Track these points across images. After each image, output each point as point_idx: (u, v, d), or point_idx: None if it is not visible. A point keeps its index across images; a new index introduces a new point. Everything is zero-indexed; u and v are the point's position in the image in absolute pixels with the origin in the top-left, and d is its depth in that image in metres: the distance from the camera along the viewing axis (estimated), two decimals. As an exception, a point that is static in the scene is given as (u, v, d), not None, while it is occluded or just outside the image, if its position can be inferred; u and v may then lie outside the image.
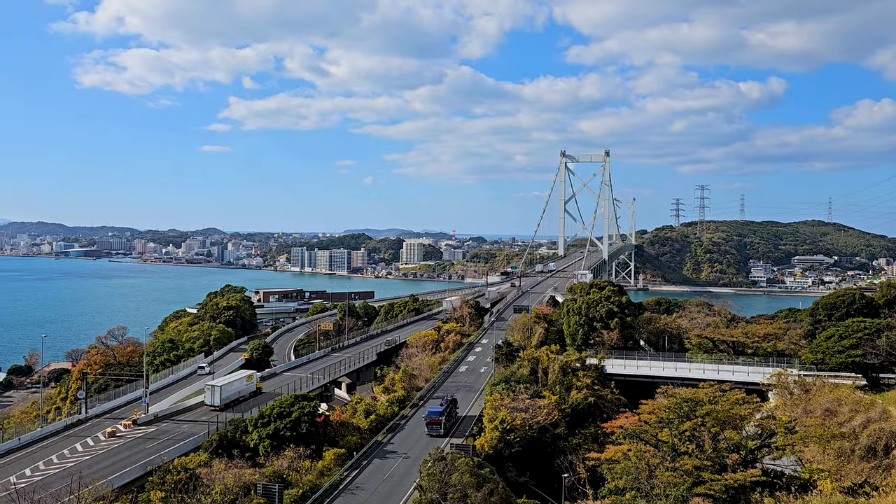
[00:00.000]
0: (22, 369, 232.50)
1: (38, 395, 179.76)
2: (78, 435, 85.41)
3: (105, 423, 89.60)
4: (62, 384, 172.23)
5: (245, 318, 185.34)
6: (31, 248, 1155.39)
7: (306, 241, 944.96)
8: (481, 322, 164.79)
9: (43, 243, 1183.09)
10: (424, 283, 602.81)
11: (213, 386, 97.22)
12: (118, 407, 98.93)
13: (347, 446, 79.69)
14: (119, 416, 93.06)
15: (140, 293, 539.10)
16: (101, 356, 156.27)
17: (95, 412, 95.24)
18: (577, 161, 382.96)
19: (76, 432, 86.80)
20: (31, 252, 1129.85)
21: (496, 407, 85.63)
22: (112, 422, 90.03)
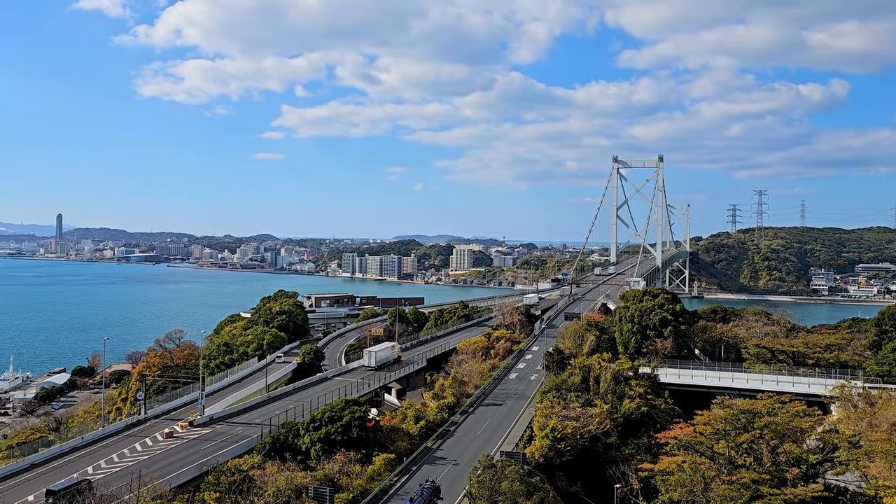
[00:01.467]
0: (85, 370, 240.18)
1: (100, 395, 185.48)
2: (137, 435, 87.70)
3: (163, 424, 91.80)
4: (122, 385, 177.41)
5: (297, 322, 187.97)
6: (94, 254, 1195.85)
7: (357, 247, 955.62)
8: (531, 329, 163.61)
9: (106, 248, 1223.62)
10: (474, 290, 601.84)
11: (370, 352, 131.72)
12: (175, 409, 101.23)
13: (397, 452, 79.90)
14: (176, 418, 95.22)
15: (196, 298, 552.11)
16: (159, 359, 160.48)
17: (154, 413, 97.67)
18: (629, 166, 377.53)
19: (135, 432, 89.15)
20: (95, 257, 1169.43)
21: (547, 415, 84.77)
22: (169, 423, 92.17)
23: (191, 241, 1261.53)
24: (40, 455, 78.71)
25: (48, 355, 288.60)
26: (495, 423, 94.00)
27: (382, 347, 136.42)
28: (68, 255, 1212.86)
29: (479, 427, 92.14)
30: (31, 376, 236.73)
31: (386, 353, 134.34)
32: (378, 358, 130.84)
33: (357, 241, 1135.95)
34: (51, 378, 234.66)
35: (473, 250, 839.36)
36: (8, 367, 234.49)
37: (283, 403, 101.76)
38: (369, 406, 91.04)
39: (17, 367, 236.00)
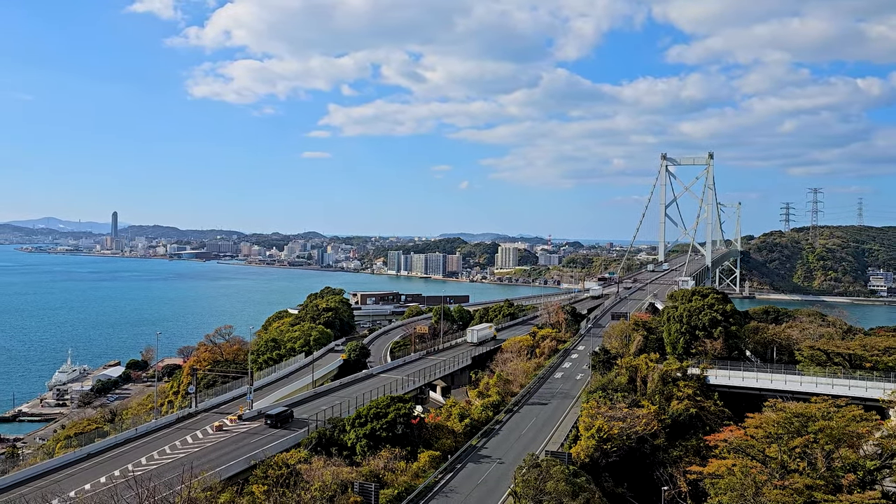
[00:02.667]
0: (139, 364, 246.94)
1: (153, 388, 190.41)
2: (188, 427, 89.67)
3: (213, 418, 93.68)
4: (174, 379, 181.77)
5: (343, 319, 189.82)
6: (147, 251, 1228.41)
7: (402, 245, 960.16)
8: (577, 328, 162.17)
9: (158, 245, 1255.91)
10: (519, 288, 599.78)
11: (473, 330, 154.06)
12: (224, 402, 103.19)
13: (442, 449, 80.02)
14: (225, 412, 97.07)
15: (245, 294, 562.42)
16: (209, 353, 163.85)
17: (204, 406, 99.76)
18: (678, 164, 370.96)
19: (186, 425, 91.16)
20: (148, 254, 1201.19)
21: (593, 415, 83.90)
22: (219, 416, 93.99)
23: (240, 238, 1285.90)
24: (96, 445, 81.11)
25: (104, 349, 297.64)
26: (540, 422, 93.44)
27: (482, 327, 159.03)
28: (123, 252, 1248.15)
29: (523, 426, 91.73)
30: (87, 369, 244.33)
31: (485, 331, 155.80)
32: (479, 336, 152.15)
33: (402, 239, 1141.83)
34: (106, 371, 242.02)
35: (519, 249, 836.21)
36: (66, 360, 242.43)
37: (329, 399, 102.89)
38: (414, 403, 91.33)
39: (74, 360, 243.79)
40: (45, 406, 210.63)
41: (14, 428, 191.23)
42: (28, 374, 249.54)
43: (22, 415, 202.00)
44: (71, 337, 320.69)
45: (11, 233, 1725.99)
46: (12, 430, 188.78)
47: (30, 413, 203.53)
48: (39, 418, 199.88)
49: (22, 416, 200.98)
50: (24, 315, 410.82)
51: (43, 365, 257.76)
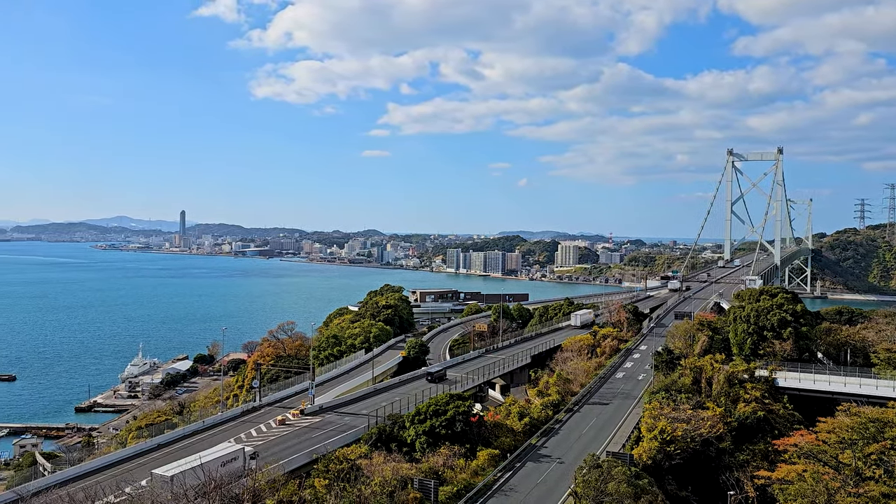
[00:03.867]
0: (205, 358, 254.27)
1: (218, 382, 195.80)
2: (252, 421, 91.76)
3: (276, 412, 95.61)
4: (239, 373, 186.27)
5: (402, 316, 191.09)
6: (213, 248, 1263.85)
7: (461, 243, 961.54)
8: (639, 328, 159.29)
9: (224, 243, 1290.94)
10: (579, 287, 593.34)
11: (576, 315, 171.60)
12: (287, 397, 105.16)
13: (501, 447, 79.66)
14: (288, 406, 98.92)
15: (306, 291, 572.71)
16: (272, 349, 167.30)
17: (267, 401, 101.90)
18: (745, 159, 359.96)
19: (251, 418, 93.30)
20: (214, 251, 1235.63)
21: (655, 416, 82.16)
22: (282, 410, 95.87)
23: (302, 236, 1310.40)
24: (166, 436, 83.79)
25: (173, 343, 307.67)
26: (601, 422, 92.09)
27: (584, 312, 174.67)
28: (190, 250, 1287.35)
29: (584, 426, 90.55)
30: (157, 362, 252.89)
31: (587, 316, 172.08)
32: (581, 320, 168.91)
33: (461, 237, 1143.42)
34: (175, 364, 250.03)
35: (579, 247, 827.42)
36: (137, 354, 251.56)
37: (388, 395, 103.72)
38: (473, 401, 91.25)
39: (145, 354, 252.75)
40: (118, 397, 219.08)
41: (90, 418, 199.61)
42: (102, 366, 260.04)
43: (97, 405, 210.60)
44: (142, 331, 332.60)
45: (87, 231, 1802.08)
46: (88, 419, 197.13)
47: (104, 404, 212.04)
48: (113, 409, 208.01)
49: (97, 407, 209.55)
50: (99, 310, 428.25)
51: (116, 358, 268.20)
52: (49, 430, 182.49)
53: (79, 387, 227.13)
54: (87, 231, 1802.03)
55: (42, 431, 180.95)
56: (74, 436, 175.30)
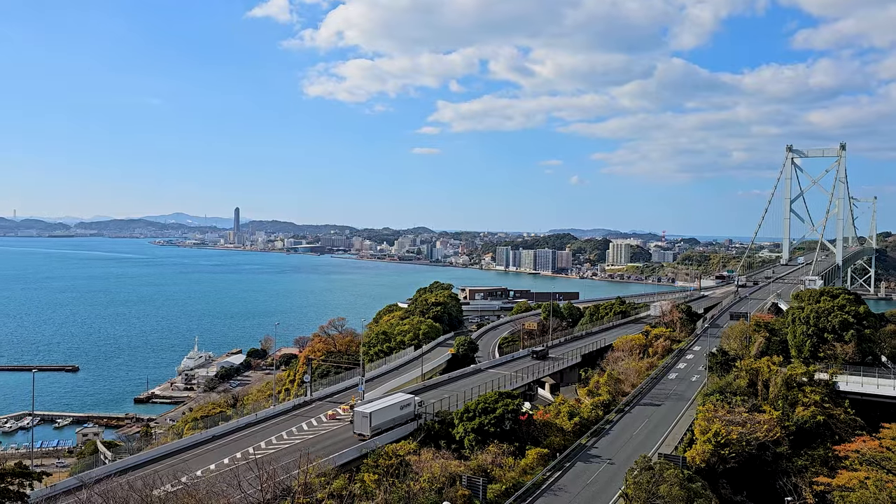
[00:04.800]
0: (258, 352, 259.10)
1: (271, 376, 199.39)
2: (303, 415, 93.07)
3: (326, 406, 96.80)
4: (291, 368, 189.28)
5: (452, 314, 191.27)
6: (266, 244, 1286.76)
7: (511, 241, 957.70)
8: (693, 328, 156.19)
9: (276, 240, 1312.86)
10: (631, 286, 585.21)
11: (655, 305, 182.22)
12: (337, 392, 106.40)
13: (550, 447, 79.06)
14: (338, 401, 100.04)
15: (357, 287, 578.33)
16: (323, 344, 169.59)
17: (318, 395, 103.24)
18: (805, 156, 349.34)
19: (302, 412, 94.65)
20: (267, 248, 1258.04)
21: (709, 419, 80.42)
22: (332, 405, 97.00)
23: (352, 233, 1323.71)
24: (220, 428, 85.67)
25: (227, 337, 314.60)
26: (653, 423, 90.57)
27: (665, 302, 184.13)
28: (244, 246, 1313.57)
29: (635, 427, 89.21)
30: (212, 356, 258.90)
31: (667, 306, 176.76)
32: (663, 309, 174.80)
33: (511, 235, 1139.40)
34: (229, 358, 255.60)
35: (631, 245, 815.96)
36: (193, 347, 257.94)
37: (437, 392, 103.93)
38: (522, 399, 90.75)
39: (200, 347, 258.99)
40: (174, 389, 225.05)
41: (148, 409, 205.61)
42: (160, 359, 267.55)
43: (155, 397, 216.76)
44: (197, 326, 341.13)
45: (145, 227, 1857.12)
46: (147, 410, 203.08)
47: (161, 395, 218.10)
48: (169, 401, 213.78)
49: (155, 398, 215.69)
50: (156, 304, 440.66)
51: (172, 351, 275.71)
52: (109, 420, 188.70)
53: (138, 378, 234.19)
54: (146, 227, 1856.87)
55: (103, 421, 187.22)
56: (133, 426, 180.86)
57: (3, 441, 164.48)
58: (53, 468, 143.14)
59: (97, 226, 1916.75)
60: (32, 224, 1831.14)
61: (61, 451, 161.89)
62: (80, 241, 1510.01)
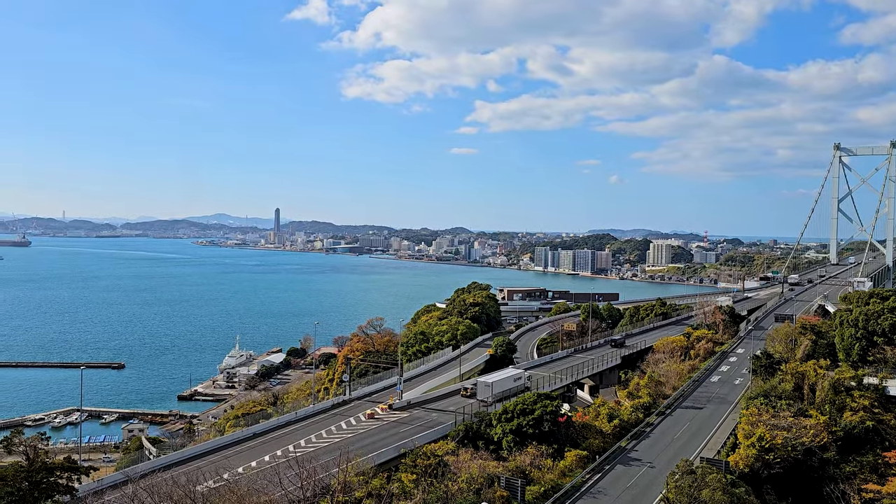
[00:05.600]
0: (298, 351, 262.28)
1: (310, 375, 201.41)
2: (342, 414, 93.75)
3: (364, 406, 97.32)
4: (329, 367, 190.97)
5: (490, 314, 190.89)
6: (306, 245, 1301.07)
7: (549, 241, 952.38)
8: (736, 330, 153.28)
9: (316, 240, 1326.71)
10: (672, 287, 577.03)
11: (719, 301, 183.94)
12: (376, 392, 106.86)
13: (589, 449, 78.30)
14: (377, 400, 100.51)
15: (395, 288, 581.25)
16: (361, 344, 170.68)
17: (357, 395, 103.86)
18: (854, 154, 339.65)
19: (341, 411, 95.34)
20: (306, 248, 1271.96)
21: (753, 422, 78.77)
22: (371, 405, 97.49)
23: (390, 233, 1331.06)
24: (261, 426, 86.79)
25: (267, 336, 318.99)
26: (695, 427, 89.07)
27: (725, 299, 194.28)
28: (284, 246, 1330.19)
29: (676, 430, 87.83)
30: (253, 354, 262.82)
31: (728, 301, 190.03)
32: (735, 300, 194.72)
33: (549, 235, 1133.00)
34: (269, 357, 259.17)
35: (672, 245, 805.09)
36: (234, 346, 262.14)
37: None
38: (561, 401, 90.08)
39: (241, 346, 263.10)
40: (216, 387, 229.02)
41: (191, 406, 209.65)
42: (202, 357, 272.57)
43: (197, 394, 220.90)
44: (239, 324, 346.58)
45: (188, 227, 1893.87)
46: (190, 407, 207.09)
47: (204, 393, 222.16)
48: (212, 398, 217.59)
49: (197, 396, 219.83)
50: (199, 304, 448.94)
51: (215, 350, 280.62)
52: (154, 416, 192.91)
53: (181, 376, 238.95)
54: (189, 228, 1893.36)
55: (147, 417, 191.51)
56: (177, 422, 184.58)
57: (53, 436, 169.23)
58: (100, 463, 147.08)
59: (142, 226, 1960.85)
60: (80, 224, 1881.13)
61: (108, 446, 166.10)
62: (126, 241, 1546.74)
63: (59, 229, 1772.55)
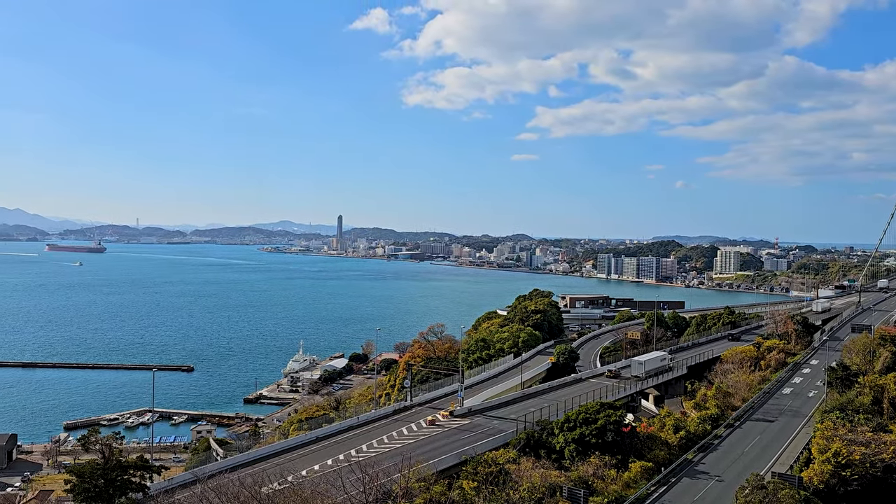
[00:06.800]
0: (360, 357, 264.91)
1: (372, 380, 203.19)
2: (403, 420, 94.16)
3: (425, 412, 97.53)
4: (391, 373, 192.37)
5: (552, 322, 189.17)
6: (368, 251, 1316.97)
7: (613, 248, 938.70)
8: (810, 341, 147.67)
9: (377, 246, 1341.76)
10: (741, 295, 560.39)
11: (817, 301, 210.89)
12: (437, 398, 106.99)
13: (654, 460, 76.46)
14: (437, 407, 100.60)
15: (455, 294, 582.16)
16: (423, 350, 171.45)
17: (418, 401, 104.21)
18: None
19: (402, 417, 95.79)
20: (368, 254, 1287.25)
21: (828, 437, 75.43)
22: (432, 411, 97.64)
23: (451, 240, 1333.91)
24: (324, 430, 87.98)
25: (330, 342, 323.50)
26: (765, 440, 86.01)
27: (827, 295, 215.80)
28: (346, 252, 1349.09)
29: (745, 443, 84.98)
30: (316, 359, 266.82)
31: (826, 304, 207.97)
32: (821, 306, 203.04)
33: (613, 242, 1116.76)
34: (332, 362, 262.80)
35: (741, 252, 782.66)
36: (298, 350, 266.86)
37: (537, 401, 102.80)
38: (625, 411, 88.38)
39: (305, 351, 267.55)
40: (280, 391, 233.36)
41: (256, 409, 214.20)
42: (267, 361, 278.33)
43: (263, 397, 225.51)
44: (302, 330, 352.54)
45: (254, 234, 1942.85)
46: (255, 410, 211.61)
47: (269, 396, 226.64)
48: (276, 402, 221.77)
49: (263, 399, 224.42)
50: (264, 309, 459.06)
51: (279, 354, 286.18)
52: (221, 418, 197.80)
53: (247, 379, 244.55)
54: (255, 234, 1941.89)
55: (215, 419, 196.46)
56: (243, 425, 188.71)
57: (126, 435, 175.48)
58: (170, 463, 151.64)
59: (210, 233, 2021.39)
60: (153, 231, 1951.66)
61: (177, 446, 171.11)
62: (195, 247, 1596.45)
63: (132, 236, 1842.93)
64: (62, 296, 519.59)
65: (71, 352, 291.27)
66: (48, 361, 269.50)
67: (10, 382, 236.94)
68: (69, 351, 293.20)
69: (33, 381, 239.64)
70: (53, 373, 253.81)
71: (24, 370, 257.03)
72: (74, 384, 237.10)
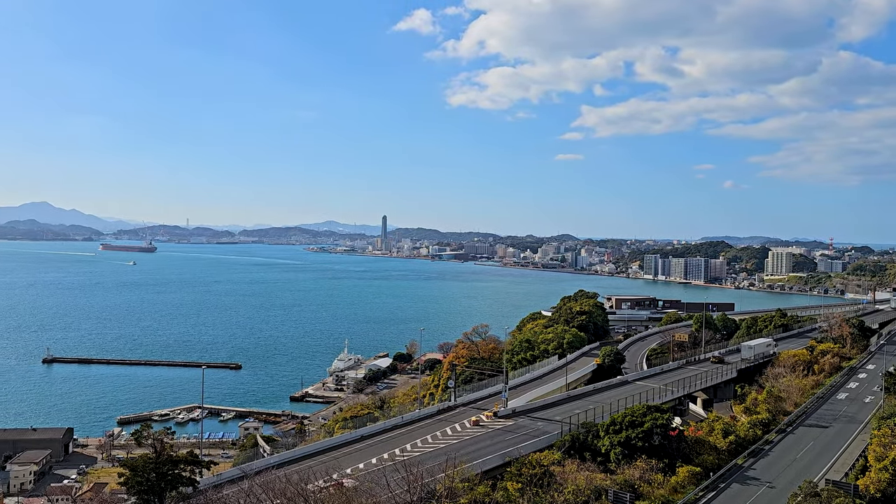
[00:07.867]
0: (404, 356, 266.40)
1: (416, 380, 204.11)
2: (447, 420, 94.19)
3: (469, 412, 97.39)
4: (435, 373, 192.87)
5: (597, 323, 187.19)
6: (412, 251, 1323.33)
7: (660, 249, 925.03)
8: (866, 344, 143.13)
9: (421, 247, 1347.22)
10: (793, 297, 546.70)
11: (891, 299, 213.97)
12: (481, 399, 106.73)
13: (703, 465, 74.95)
14: (481, 407, 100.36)
15: (499, 295, 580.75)
16: (466, 350, 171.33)
17: (462, 401, 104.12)
18: None
19: (445, 417, 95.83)
20: (412, 254, 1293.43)
21: (886, 444, 72.91)
22: (475, 411, 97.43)
23: (495, 240, 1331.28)
24: (368, 429, 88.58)
25: (374, 341, 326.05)
26: (819, 446, 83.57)
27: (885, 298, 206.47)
28: (391, 252, 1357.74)
29: (798, 449, 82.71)
30: (360, 358, 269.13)
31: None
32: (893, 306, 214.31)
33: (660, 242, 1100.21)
34: (376, 361, 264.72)
35: (793, 253, 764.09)
36: (343, 350, 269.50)
37: (582, 403, 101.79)
38: (672, 414, 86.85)
39: (350, 350, 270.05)
40: (326, 389, 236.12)
41: (302, 407, 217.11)
42: (313, 360, 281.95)
43: (308, 396, 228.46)
44: (347, 329, 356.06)
45: (300, 234, 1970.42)
46: (301, 408, 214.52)
47: (314, 395, 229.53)
48: (321, 400, 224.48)
49: (308, 397, 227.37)
50: (310, 308, 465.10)
51: (325, 353, 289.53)
52: (268, 416, 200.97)
53: (293, 378, 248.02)
54: (301, 234, 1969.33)
55: (262, 416, 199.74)
56: (289, 422, 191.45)
57: (177, 430, 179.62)
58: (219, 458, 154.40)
59: (258, 233, 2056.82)
60: (202, 231, 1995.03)
61: (225, 442, 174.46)
62: (243, 247, 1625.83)
63: (183, 236, 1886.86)
64: (117, 294, 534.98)
65: (125, 348, 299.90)
66: (103, 358, 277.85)
67: (67, 377, 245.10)
68: (123, 347, 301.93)
69: (89, 377, 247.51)
70: (108, 369, 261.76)
71: (80, 366, 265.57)
72: (128, 380, 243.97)
